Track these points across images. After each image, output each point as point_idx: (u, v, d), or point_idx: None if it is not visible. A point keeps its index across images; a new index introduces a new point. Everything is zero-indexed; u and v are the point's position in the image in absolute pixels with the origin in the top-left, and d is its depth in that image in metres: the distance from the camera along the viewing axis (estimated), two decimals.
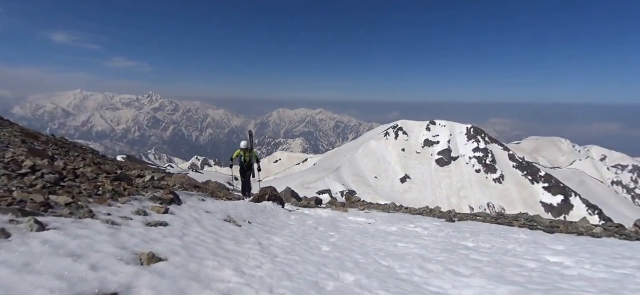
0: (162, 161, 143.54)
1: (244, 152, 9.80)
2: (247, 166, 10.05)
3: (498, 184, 66.15)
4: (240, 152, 9.84)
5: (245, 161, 9.93)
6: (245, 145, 9.87)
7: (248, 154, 9.90)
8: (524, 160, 72.23)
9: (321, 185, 51.80)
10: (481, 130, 77.76)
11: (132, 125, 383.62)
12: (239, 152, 9.88)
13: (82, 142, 8.82)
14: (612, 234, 6.04)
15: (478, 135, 75.57)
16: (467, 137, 75.66)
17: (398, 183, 65.85)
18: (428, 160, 72.68)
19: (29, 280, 1.48)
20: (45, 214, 2.16)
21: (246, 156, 9.90)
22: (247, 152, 9.87)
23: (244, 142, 9.96)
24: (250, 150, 10.01)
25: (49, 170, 2.98)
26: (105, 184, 3.37)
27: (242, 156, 9.87)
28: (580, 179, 73.15)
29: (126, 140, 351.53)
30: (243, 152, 9.80)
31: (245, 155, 9.88)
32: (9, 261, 1.59)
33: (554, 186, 63.55)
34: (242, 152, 9.81)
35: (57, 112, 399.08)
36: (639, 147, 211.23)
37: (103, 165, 4.67)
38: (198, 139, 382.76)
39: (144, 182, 4.42)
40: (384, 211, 9.64)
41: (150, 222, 2.83)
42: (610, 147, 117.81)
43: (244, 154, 9.84)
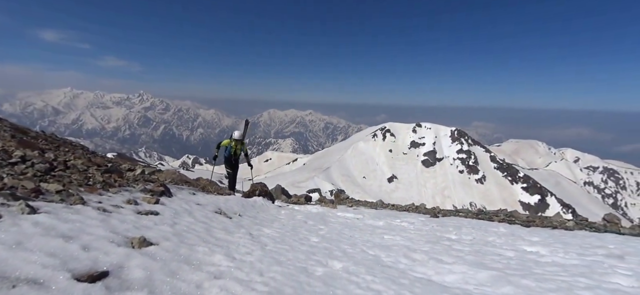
0: (152, 159, 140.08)
1: (235, 142, 8.66)
2: (235, 160, 8.92)
3: (480, 184, 68.10)
4: (231, 143, 8.67)
5: (237, 153, 8.82)
6: (239, 136, 8.74)
7: (240, 147, 8.79)
8: (504, 162, 74.66)
9: (311, 184, 51.86)
10: (465, 133, 79.85)
11: (123, 124, 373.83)
12: (228, 142, 8.71)
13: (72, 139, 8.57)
14: (583, 227, 6.41)
15: (462, 138, 77.54)
16: (452, 140, 77.52)
17: (386, 183, 66.74)
18: (414, 161, 74.01)
19: (22, 257, 1.49)
20: (36, 200, 2.15)
21: (237, 148, 8.78)
22: (239, 144, 8.74)
23: (238, 132, 8.82)
24: (242, 143, 8.84)
25: (39, 160, 2.94)
26: (95, 176, 3.34)
27: (231, 148, 8.70)
28: (556, 180, 76.34)
29: (116, 138, 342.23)
30: (234, 143, 8.66)
31: (237, 147, 8.75)
32: (1, 239, 1.59)
33: (531, 186, 66.00)
34: (234, 143, 8.66)
35: (47, 110, 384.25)
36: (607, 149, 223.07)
37: (94, 158, 4.59)
38: (189, 138, 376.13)
39: (135, 175, 4.39)
40: (371, 208, 9.83)
41: (141, 211, 2.84)
42: (583, 150, 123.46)
43: (235, 145, 8.69)
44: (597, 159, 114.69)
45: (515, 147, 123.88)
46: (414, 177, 69.64)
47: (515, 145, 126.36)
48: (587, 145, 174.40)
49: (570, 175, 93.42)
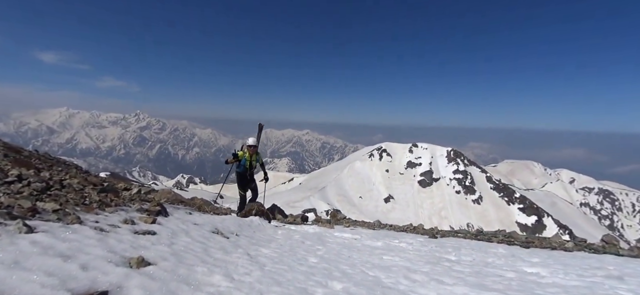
0: (146, 179, 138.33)
1: (250, 152, 7.29)
2: (251, 174, 7.56)
3: (477, 204, 67.92)
4: (245, 153, 7.28)
5: (253, 166, 7.49)
6: (255, 142, 7.44)
7: (255, 157, 7.47)
8: (500, 183, 74.90)
9: (306, 204, 51.31)
10: (461, 154, 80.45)
11: (118, 144, 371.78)
12: (242, 154, 7.29)
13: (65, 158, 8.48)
14: (582, 248, 6.39)
15: (458, 158, 78.05)
16: (448, 160, 77.95)
17: (382, 203, 66.28)
18: (411, 181, 73.95)
19: (20, 276, 1.47)
20: (33, 219, 2.12)
21: (253, 159, 7.42)
22: (255, 153, 7.44)
23: (252, 139, 7.47)
24: (257, 152, 7.55)
25: (35, 179, 2.92)
26: (92, 195, 3.31)
27: (245, 160, 7.29)
28: (552, 201, 76.44)
29: (111, 158, 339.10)
30: (249, 153, 7.29)
31: (252, 157, 7.38)
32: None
33: (528, 207, 65.95)
34: (248, 153, 7.28)
35: (42, 129, 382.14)
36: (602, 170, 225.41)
37: (90, 177, 4.55)
38: (184, 157, 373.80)
39: (131, 194, 4.34)
40: (369, 228, 9.73)
41: (138, 231, 2.80)
42: (578, 171, 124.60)
43: (250, 156, 7.31)
44: (592, 180, 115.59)
45: (510, 167, 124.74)
46: (410, 198, 69.35)
47: (510, 165, 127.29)
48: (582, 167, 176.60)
49: (566, 196, 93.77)
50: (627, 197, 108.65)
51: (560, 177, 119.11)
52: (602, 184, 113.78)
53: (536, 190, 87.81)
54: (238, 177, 7.58)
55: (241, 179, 7.53)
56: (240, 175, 7.49)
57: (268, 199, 8.60)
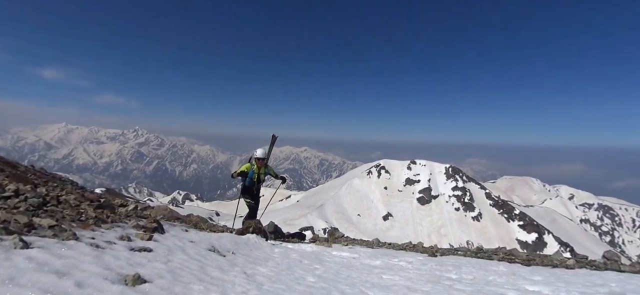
0: (142, 195, 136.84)
1: (259, 164, 6.99)
2: (258, 189, 7.22)
3: (476, 222, 67.37)
4: (253, 165, 6.99)
5: (261, 180, 7.16)
6: (263, 154, 7.03)
7: (264, 169, 7.13)
8: (499, 199, 74.65)
9: (304, 222, 50.71)
10: (459, 170, 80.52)
11: (116, 159, 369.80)
12: (249, 166, 7.00)
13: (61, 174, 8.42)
14: (584, 265, 6.33)
15: (456, 175, 78.04)
16: (446, 177, 77.90)
17: (381, 221, 65.60)
18: (410, 198, 73.55)
19: (15, 292, 1.45)
20: (29, 235, 2.11)
21: (261, 172, 7.10)
22: (264, 166, 7.10)
23: (261, 150, 7.08)
24: (266, 164, 7.18)
25: (32, 194, 2.91)
26: (88, 211, 3.29)
27: (253, 173, 7.00)
28: (552, 217, 75.97)
29: (107, 173, 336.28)
30: (258, 165, 6.99)
31: (261, 170, 7.07)
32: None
33: (528, 224, 65.46)
34: (256, 166, 6.98)
35: (39, 144, 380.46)
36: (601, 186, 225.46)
37: (86, 193, 4.53)
38: (181, 174, 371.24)
39: (127, 211, 4.31)
40: (368, 247, 9.60)
41: (134, 248, 2.77)
42: (577, 187, 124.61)
43: (258, 168, 7.01)
44: (591, 196, 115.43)
45: (509, 183, 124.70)
46: (409, 215, 68.76)
47: (509, 181, 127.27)
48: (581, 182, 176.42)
49: (565, 213, 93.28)
50: (627, 212, 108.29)
51: (559, 193, 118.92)
52: (601, 199, 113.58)
53: (536, 206, 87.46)
54: (243, 190, 7.25)
55: (247, 192, 7.18)
56: (246, 189, 7.15)
57: (265, 217, 8.49)
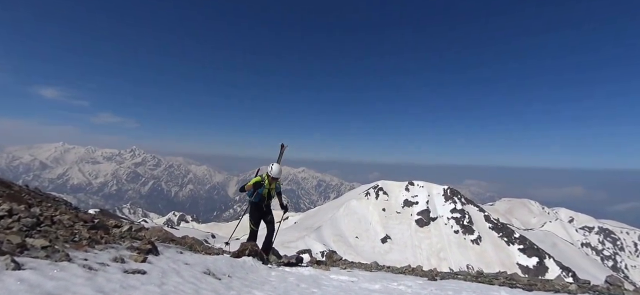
0: (137, 216, 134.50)
1: (270, 179, 6.46)
2: (267, 206, 6.74)
3: (476, 245, 66.35)
4: (265, 180, 6.44)
5: (271, 195, 6.68)
6: (279, 173, 6.50)
7: (275, 185, 6.65)
8: (499, 222, 73.94)
9: (301, 244, 49.75)
10: (457, 192, 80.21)
11: (111, 179, 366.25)
12: (259, 180, 6.41)
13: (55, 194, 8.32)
14: (586, 290, 6.21)
15: (454, 197, 77.65)
16: (445, 198, 77.46)
17: (379, 243, 64.45)
18: (408, 220, 72.72)
19: None
20: (22, 255, 2.07)
21: (272, 187, 6.59)
22: (274, 182, 6.57)
23: (277, 166, 6.51)
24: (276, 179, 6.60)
25: (26, 215, 2.87)
26: (82, 232, 3.24)
27: (264, 187, 6.44)
28: (553, 241, 75.00)
29: (102, 194, 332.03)
30: (269, 181, 6.46)
31: (272, 186, 6.55)
32: None
33: (528, 248, 64.51)
34: (267, 181, 6.44)
35: (35, 164, 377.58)
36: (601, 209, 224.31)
37: (80, 213, 4.46)
38: (177, 194, 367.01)
39: (122, 232, 4.24)
40: (366, 270, 9.40)
41: (128, 270, 2.71)
42: (576, 209, 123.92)
43: (270, 184, 6.49)
44: (591, 219, 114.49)
45: (508, 206, 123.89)
46: (408, 238, 67.69)
47: (508, 204, 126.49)
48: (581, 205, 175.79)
49: (566, 236, 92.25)
50: (629, 236, 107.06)
51: (559, 216, 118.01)
52: (601, 222, 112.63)
53: (536, 229, 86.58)
54: (252, 209, 6.64)
55: (256, 210, 6.60)
56: (255, 206, 6.55)
57: (262, 239, 8.29)
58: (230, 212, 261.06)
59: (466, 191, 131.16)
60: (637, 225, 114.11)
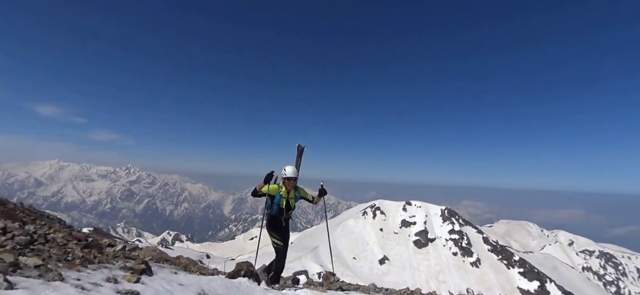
0: (130, 235, 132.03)
1: (288, 186, 5.35)
2: (287, 220, 5.53)
3: (475, 268, 65.21)
4: (281, 188, 5.35)
5: (291, 206, 5.48)
6: (294, 173, 5.40)
7: (294, 193, 5.50)
8: (498, 244, 73.05)
9: (298, 265, 48.71)
10: (455, 213, 79.67)
11: (105, 198, 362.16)
12: (276, 188, 5.35)
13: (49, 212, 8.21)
14: None
15: (452, 217, 77.06)
16: (442, 219, 76.82)
17: (377, 265, 63.19)
18: (406, 241, 71.71)
19: None
20: (14, 274, 2.04)
21: (291, 196, 5.44)
22: (293, 188, 5.45)
23: (291, 168, 5.44)
24: (296, 186, 5.56)
25: (20, 232, 2.84)
26: (75, 251, 3.19)
27: (281, 197, 5.32)
28: (553, 265, 73.90)
29: (96, 212, 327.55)
30: (286, 187, 5.35)
31: (290, 194, 5.42)
32: None
33: (529, 271, 63.45)
34: (285, 187, 5.35)
35: (30, 181, 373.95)
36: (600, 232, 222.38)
37: (74, 232, 4.41)
38: (172, 213, 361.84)
39: (115, 251, 4.17)
40: (364, 292, 9.20)
41: (120, 290, 2.66)
42: (575, 232, 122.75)
43: (287, 191, 5.36)
44: (591, 243, 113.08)
45: (506, 228, 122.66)
46: (406, 259, 66.47)
47: (506, 226, 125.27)
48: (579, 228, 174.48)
49: (566, 260, 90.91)
50: (631, 261, 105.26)
51: (559, 239, 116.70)
52: (602, 246, 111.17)
53: (536, 253, 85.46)
54: (270, 222, 5.54)
55: (274, 223, 5.47)
56: (274, 219, 5.45)
57: (258, 260, 8.14)
58: (225, 232, 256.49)
59: (463, 212, 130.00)
60: (638, 249, 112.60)
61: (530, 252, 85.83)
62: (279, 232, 5.58)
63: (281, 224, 5.57)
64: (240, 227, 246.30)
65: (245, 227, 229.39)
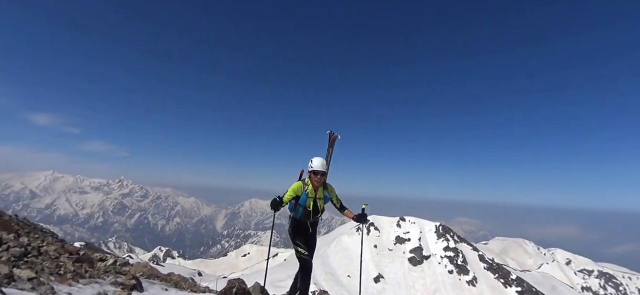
0: (122, 251, 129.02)
1: (315, 182, 4.49)
2: (314, 224, 4.77)
3: (472, 286, 64.51)
4: (307, 185, 4.51)
5: (319, 208, 4.66)
6: (323, 166, 4.48)
7: (322, 192, 4.64)
8: (494, 262, 72.65)
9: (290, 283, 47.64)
10: (449, 229, 79.45)
11: (97, 211, 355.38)
12: (301, 188, 4.51)
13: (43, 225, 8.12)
14: None
15: (447, 234, 76.76)
16: (437, 236, 76.47)
17: (372, 283, 62.15)
18: (401, 258, 70.97)
19: None
20: (8, 286, 2.08)
21: (319, 196, 4.60)
22: (321, 185, 4.56)
23: (319, 160, 4.52)
24: (326, 183, 4.66)
25: (15, 244, 2.88)
26: (67, 264, 3.22)
27: (307, 195, 4.49)
28: (552, 284, 73.44)
29: (88, 226, 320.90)
30: (314, 184, 4.51)
31: (318, 194, 4.57)
32: None
33: (527, 291, 62.95)
34: (311, 185, 4.50)
35: (25, 193, 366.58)
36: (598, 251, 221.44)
37: (66, 245, 4.41)
38: (164, 228, 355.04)
39: (106, 266, 4.18)
40: None
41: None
42: (572, 250, 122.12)
43: (314, 190, 4.52)
44: (590, 262, 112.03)
45: (502, 245, 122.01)
46: (401, 277, 65.56)
47: (502, 243, 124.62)
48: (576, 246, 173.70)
49: (564, 279, 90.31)
50: (632, 281, 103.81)
51: (556, 257, 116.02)
52: (601, 266, 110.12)
53: (533, 271, 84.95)
54: (294, 228, 4.76)
55: (299, 228, 4.68)
56: (298, 224, 4.67)
57: (250, 277, 8.03)
58: (217, 248, 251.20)
59: (458, 228, 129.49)
60: (636, 268, 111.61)
61: (528, 270, 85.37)
62: (304, 239, 4.67)
63: (307, 230, 4.68)
64: (232, 244, 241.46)
65: (237, 244, 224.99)
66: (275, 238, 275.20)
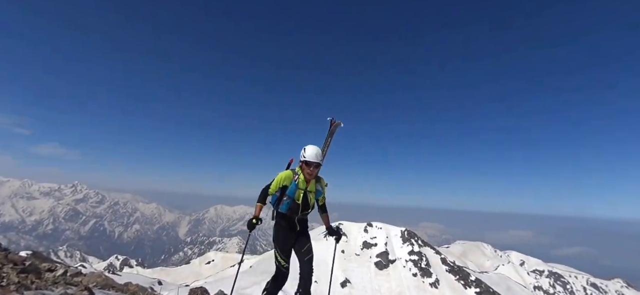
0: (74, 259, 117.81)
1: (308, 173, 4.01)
2: (303, 219, 4.25)
3: (434, 288, 67.48)
4: (297, 175, 4.05)
5: (309, 202, 4.15)
6: (317, 156, 4.00)
7: (314, 185, 4.15)
8: (455, 264, 76.68)
9: (257, 291, 46.52)
10: (414, 234, 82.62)
11: (47, 217, 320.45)
12: (290, 177, 4.04)
13: None
14: None
15: (412, 238, 79.77)
16: (402, 240, 79.16)
17: (339, 288, 62.67)
18: (367, 263, 72.43)
19: None
20: None
21: (310, 189, 4.11)
22: (314, 177, 4.13)
23: (313, 149, 4.03)
24: (318, 177, 4.21)
25: None
26: (10, 275, 3.01)
27: (296, 186, 4.03)
28: (507, 285, 78.80)
29: (36, 233, 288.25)
30: (306, 175, 4.04)
31: (309, 186, 4.10)
32: None
33: (484, 291, 67.06)
34: (303, 175, 4.04)
35: None
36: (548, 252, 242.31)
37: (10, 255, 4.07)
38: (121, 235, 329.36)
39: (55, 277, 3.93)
40: None
41: None
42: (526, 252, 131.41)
43: (307, 181, 4.07)
44: (541, 263, 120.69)
45: (463, 248, 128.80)
46: (368, 281, 66.89)
47: (462, 247, 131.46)
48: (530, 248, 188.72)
49: (519, 279, 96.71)
50: (577, 280, 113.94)
51: (511, 259, 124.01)
52: (551, 266, 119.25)
53: (490, 272, 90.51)
54: (278, 227, 4.21)
55: (285, 230, 4.17)
56: (284, 221, 4.14)
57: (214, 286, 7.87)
58: (180, 255, 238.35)
59: (422, 233, 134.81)
60: (584, 269, 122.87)
61: (485, 272, 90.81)
62: (286, 245, 4.17)
63: (294, 227, 4.13)
64: (196, 251, 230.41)
65: (201, 251, 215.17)
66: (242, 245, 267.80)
